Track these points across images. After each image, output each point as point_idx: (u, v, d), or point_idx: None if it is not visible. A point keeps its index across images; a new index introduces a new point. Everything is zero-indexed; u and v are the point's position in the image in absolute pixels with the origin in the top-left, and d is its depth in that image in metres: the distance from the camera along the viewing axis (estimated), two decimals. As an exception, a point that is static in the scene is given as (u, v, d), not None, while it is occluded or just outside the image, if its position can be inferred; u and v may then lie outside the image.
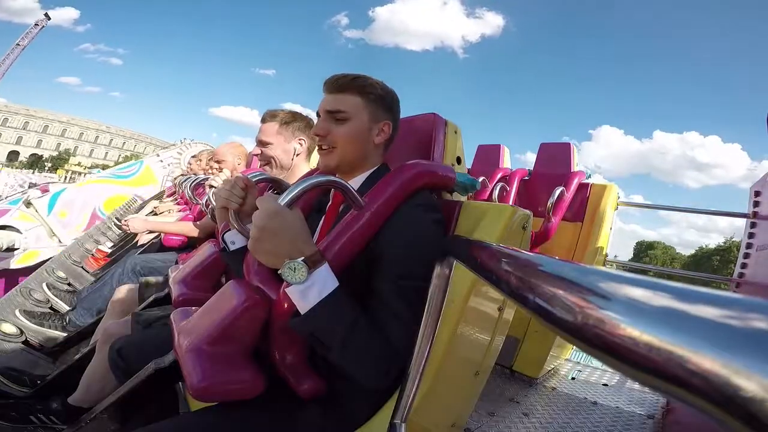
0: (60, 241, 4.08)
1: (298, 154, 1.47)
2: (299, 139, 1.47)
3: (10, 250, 3.55)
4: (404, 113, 1.00)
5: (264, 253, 0.68)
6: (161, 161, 6.57)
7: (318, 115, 0.91)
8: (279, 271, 0.66)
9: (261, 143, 1.46)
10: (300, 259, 0.65)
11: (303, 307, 0.66)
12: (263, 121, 1.48)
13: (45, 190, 4.32)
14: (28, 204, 4.05)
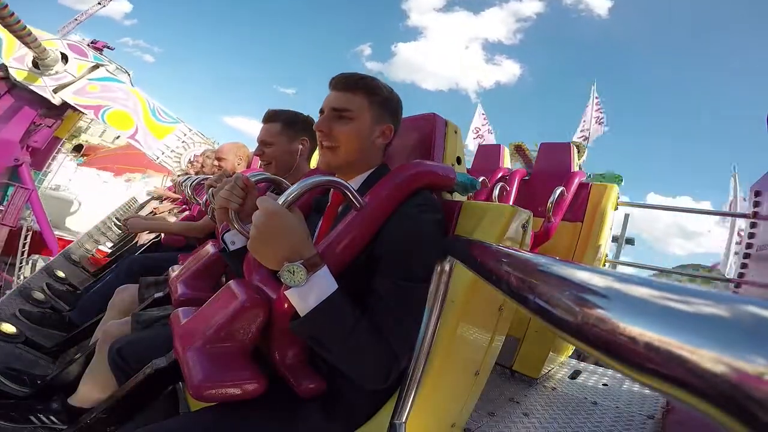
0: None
1: (300, 155, 1.46)
2: (302, 140, 1.46)
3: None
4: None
5: (263, 254, 0.68)
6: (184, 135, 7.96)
7: (321, 111, 0.91)
8: (278, 274, 0.66)
9: (263, 143, 1.44)
10: (299, 262, 0.65)
11: (302, 310, 0.66)
12: (265, 121, 1.47)
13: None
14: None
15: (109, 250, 3.49)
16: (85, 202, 10.71)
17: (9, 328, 1.76)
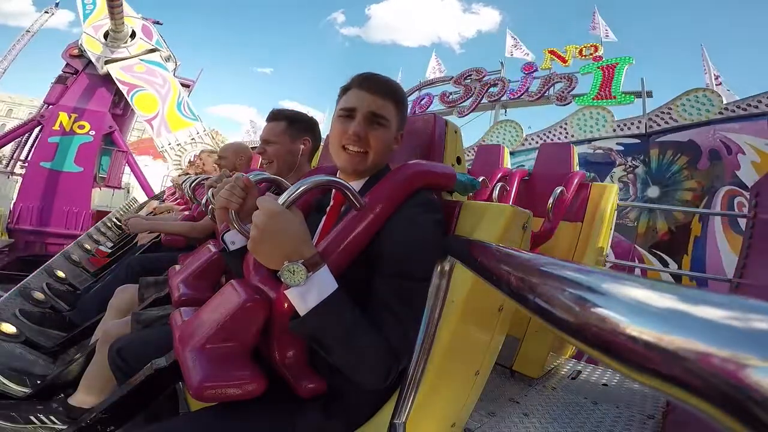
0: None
1: (302, 155, 1.46)
2: (304, 140, 1.46)
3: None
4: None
5: (263, 254, 0.68)
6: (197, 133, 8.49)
7: (350, 111, 0.87)
8: (278, 273, 0.65)
9: (266, 142, 1.44)
10: (299, 262, 0.65)
11: (302, 310, 0.66)
12: (269, 119, 1.47)
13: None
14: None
15: (109, 250, 3.48)
16: (131, 184, 11.08)
17: (9, 328, 1.76)
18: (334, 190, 0.91)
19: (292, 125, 1.45)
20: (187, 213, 2.44)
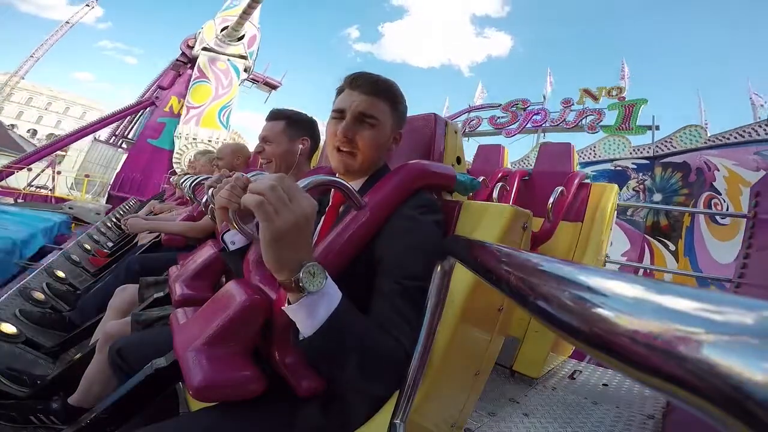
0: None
1: (301, 155, 1.46)
2: (303, 139, 1.47)
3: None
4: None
5: (284, 247, 0.63)
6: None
7: (340, 111, 0.86)
8: (294, 277, 0.57)
9: (264, 140, 1.44)
10: (316, 263, 0.58)
11: (312, 326, 0.59)
12: (269, 119, 1.47)
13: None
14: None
15: (109, 250, 3.48)
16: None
17: (9, 328, 1.76)
18: (333, 190, 0.91)
19: (291, 125, 1.45)
20: (186, 213, 2.44)
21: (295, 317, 0.60)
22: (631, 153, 5.51)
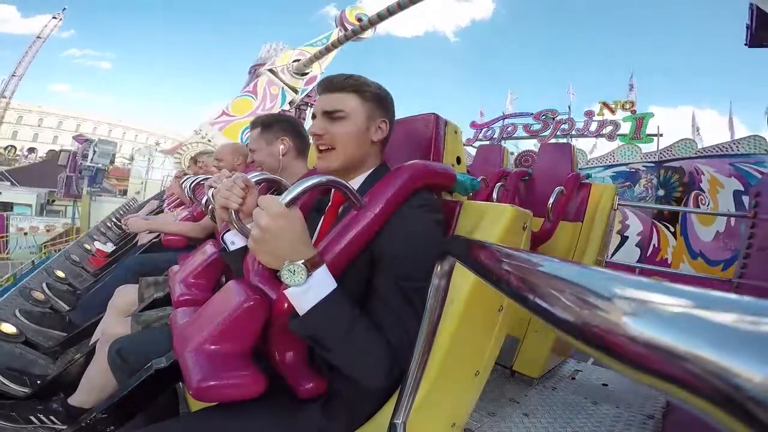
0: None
1: (284, 154, 1.48)
2: (281, 139, 1.50)
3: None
4: (402, 103, 1.00)
5: (264, 254, 0.68)
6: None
7: (314, 117, 0.91)
8: (278, 273, 0.66)
9: (251, 150, 1.52)
10: (300, 262, 0.65)
11: (301, 309, 0.67)
12: (250, 129, 1.53)
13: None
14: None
15: (109, 250, 3.48)
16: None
17: (9, 328, 1.76)
18: (333, 189, 0.91)
19: (264, 129, 1.51)
20: (186, 213, 2.44)
21: (291, 299, 0.68)
22: (641, 158, 7.09)
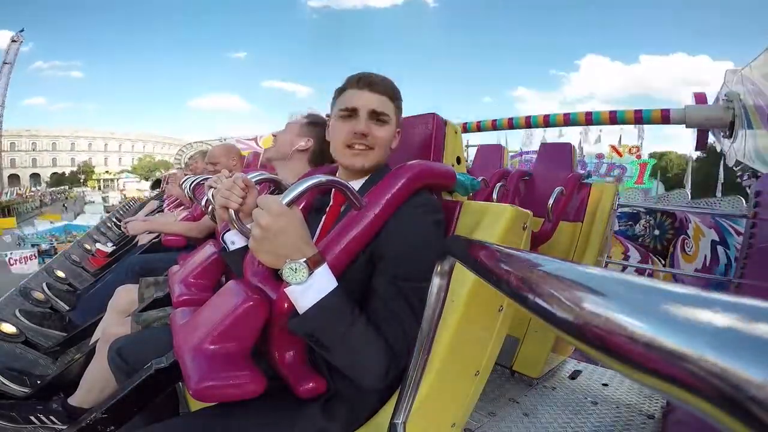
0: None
1: (299, 150, 1.46)
2: (308, 138, 1.47)
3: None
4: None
5: (265, 253, 0.68)
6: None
7: (352, 110, 0.87)
8: (279, 272, 0.66)
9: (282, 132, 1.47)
10: (301, 260, 0.65)
11: (301, 307, 0.67)
12: (297, 116, 1.49)
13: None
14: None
15: (109, 250, 3.48)
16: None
17: (9, 328, 1.76)
18: (333, 190, 0.91)
19: (307, 124, 1.47)
20: (187, 213, 2.44)
21: (291, 297, 0.67)
22: (642, 201, 8.06)
